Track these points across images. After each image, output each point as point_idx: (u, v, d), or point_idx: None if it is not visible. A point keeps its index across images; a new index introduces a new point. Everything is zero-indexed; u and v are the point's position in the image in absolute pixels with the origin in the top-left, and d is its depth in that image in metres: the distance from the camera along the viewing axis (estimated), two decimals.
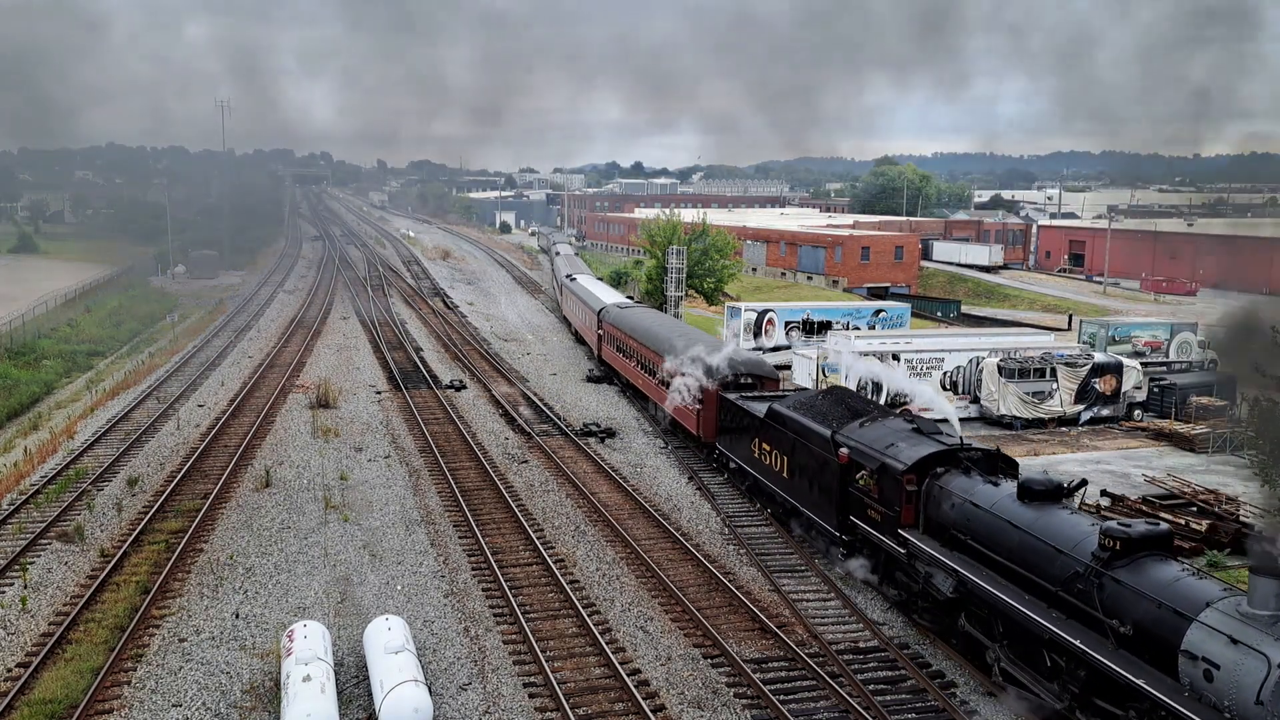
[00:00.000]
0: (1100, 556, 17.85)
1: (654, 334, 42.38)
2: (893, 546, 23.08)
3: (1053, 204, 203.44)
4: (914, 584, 22.69)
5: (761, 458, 30.36)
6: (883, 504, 23.50)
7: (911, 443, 23.66)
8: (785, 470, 28.58)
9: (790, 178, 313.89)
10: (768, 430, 29.69)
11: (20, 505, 30.11)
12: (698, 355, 36.37)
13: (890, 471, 23.16)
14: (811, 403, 28.97)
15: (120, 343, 62.96)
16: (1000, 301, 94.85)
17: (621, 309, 50.53)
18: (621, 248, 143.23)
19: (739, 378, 35.10)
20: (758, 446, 30.61)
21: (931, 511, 22.37)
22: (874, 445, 24.29)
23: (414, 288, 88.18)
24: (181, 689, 20.03)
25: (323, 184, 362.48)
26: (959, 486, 21.82)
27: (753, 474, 31.33)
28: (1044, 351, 44.81)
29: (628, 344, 45.49)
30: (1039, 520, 19.64)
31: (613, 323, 49.00)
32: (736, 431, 32.60)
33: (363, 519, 29.95)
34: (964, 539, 21.14)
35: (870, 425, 25.52)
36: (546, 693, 20.06)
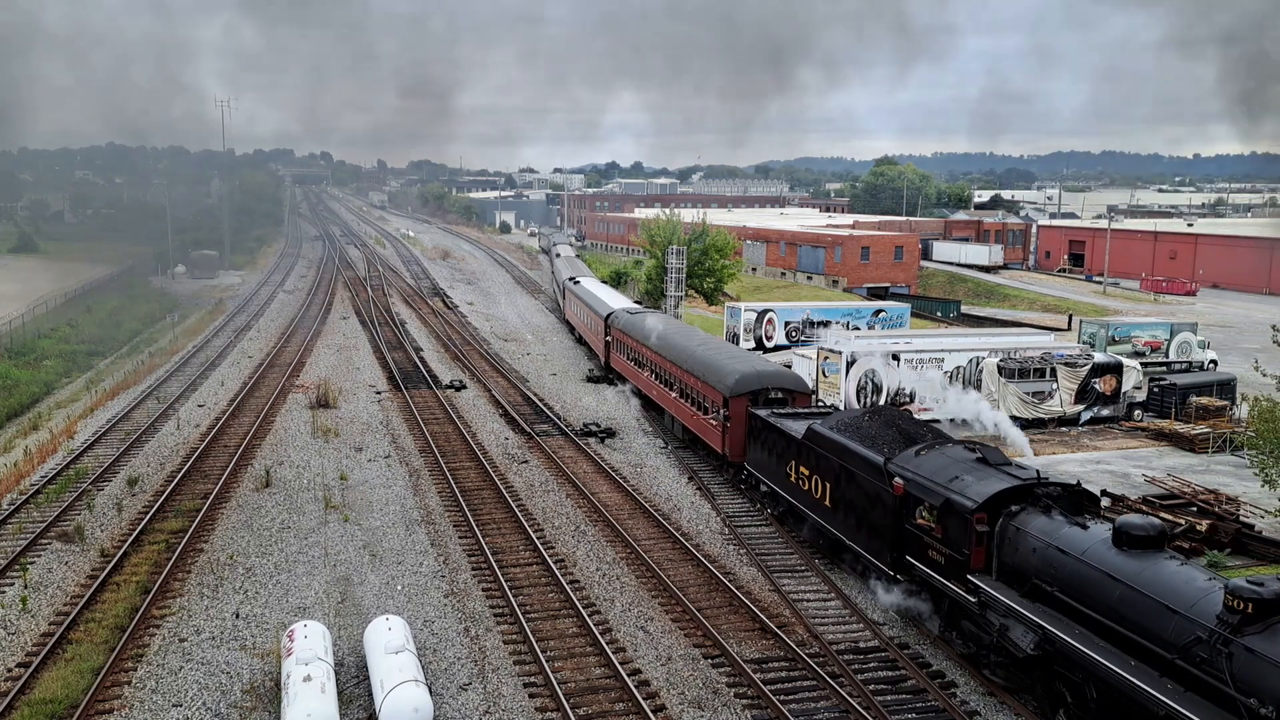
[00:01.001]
0: (1228, 620, 15.54)
1: (670, 342, 40.33)
2: (960, 594, 20.62)
3: (1053, 204, 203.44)
4: (985, 636, 20.12)
5: (799, 483, 27.79)
6: (947, 545, 21.07)
7: (979, 476, 21.29)
8: (827, 499, 26.06)
9: (790, 178, 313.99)
10: (807, 453, 27.17)
11: (20, 505, 30.11)
12: (721, 366, 34.32)
13: (957, 509, 20.75)
14: (857, 424, 26.12)
15: (120, 343, 62.93)
16: (1000, 301, 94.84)
17: (632, 315, 48.39)
18: (621, 248, 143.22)
19: (768, 392, 32.68)
20: (794, 470, 28.02)
21: (1007, 556, 20.02)
22: (935, 478, 21.85)
23: (414, 288, 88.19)
24: (182, 689, 20.03)
25: (323, 184, 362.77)
26: (1039, 528, 19.47)
27: (787, 499, 28.85)
28: (1044, 351, 44.80)
29: (640, 352, 43.52)
30: (1144, 572, 17.27)
31: (623, 329, 47.09)
32: (769, 452, 30.03)
33: (363, 519, 29.95)
34: (1048, 589, 18.82)
35: (929, 454, 23.06)
36: (546, 693, 20.05)
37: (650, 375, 42.10)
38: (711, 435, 34.50)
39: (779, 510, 29.88)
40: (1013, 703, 19.84)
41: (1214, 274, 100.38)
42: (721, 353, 36.96)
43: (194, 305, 76.57)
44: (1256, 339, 61.59)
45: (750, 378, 32.90)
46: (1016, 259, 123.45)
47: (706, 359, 35.92)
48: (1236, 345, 62.86)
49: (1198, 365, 53.95)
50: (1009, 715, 19.69)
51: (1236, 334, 69.03)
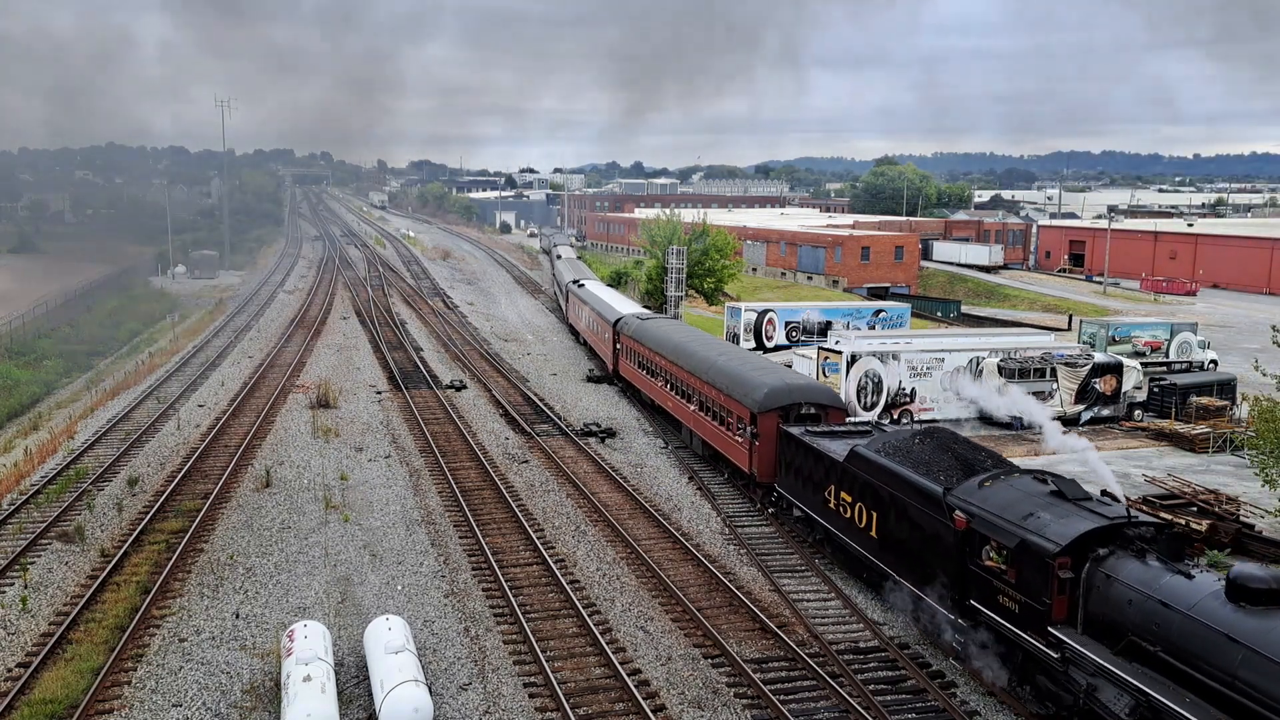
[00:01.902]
0: None
1: (688, 351, 37.96)
2: (1040, 647, 18.38)
3: (1053, 204, 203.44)
4: (1067, 696, 18.10)
5: (839, 509, 25.59)
6: (1022, 591, 18.78)
7: (1057, 513, 19.03)
8: (874, 529, 23.87)
9: (790, 178, 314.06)
10: (849, 478, 24.96)
11: (20, 505, 30.11)
12: (748, 378, 32.06)
13: (1035, 552, 18.45)
14: (907, 447, 23.96)
15: (120, 343, 63.00)
16: (1000, 301, 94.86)
17: (643, 320, 46.19)
18: (621, 248, 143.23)
19: (799, 407, 30.50)
20: (834, 495, 25.83)
21: (1095, 607, 17.78)
22: (1006, 514, 19.59)
23: (414, 288, 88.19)
24: (182, 689, 20.03)
25: (323, 184, 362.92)
26: (1135, 577, 17.27)
27: (824, 525, 26.60)
28: (1044, 351, 44.80)
29: (654, 361, 41.32)
30: (1271, 633, 15.08)
31: (633, 336, 44.77)
32: (804, 474, 27.75)
33: (363, 519, 29.95)
34: (1148, 648, 16.61)
35: (995, 485, 20.86)
36: (546, 693, 20.05)
37: (665, 385, 40.01)
38: (737, 453, 32.17)
39: (816, 537, 27.76)
40: (1013, 703, 19.84)
41: (1214, 274, 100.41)
42: (746, 363, 34.81)
43: (194, 305, 76.61)
44: (1256, 339, 61.59)
45: (780, 392, 30.65)
46: (1016, 259, 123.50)
47: (730, 370, 33.69)
48: (1236, 345, 62.85)
49: (1198, 365, 53.95)
50: (1009, 715, 19.69)
51: (1236, 334, 69.03)
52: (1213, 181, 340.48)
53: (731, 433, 32.41)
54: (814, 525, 27.55)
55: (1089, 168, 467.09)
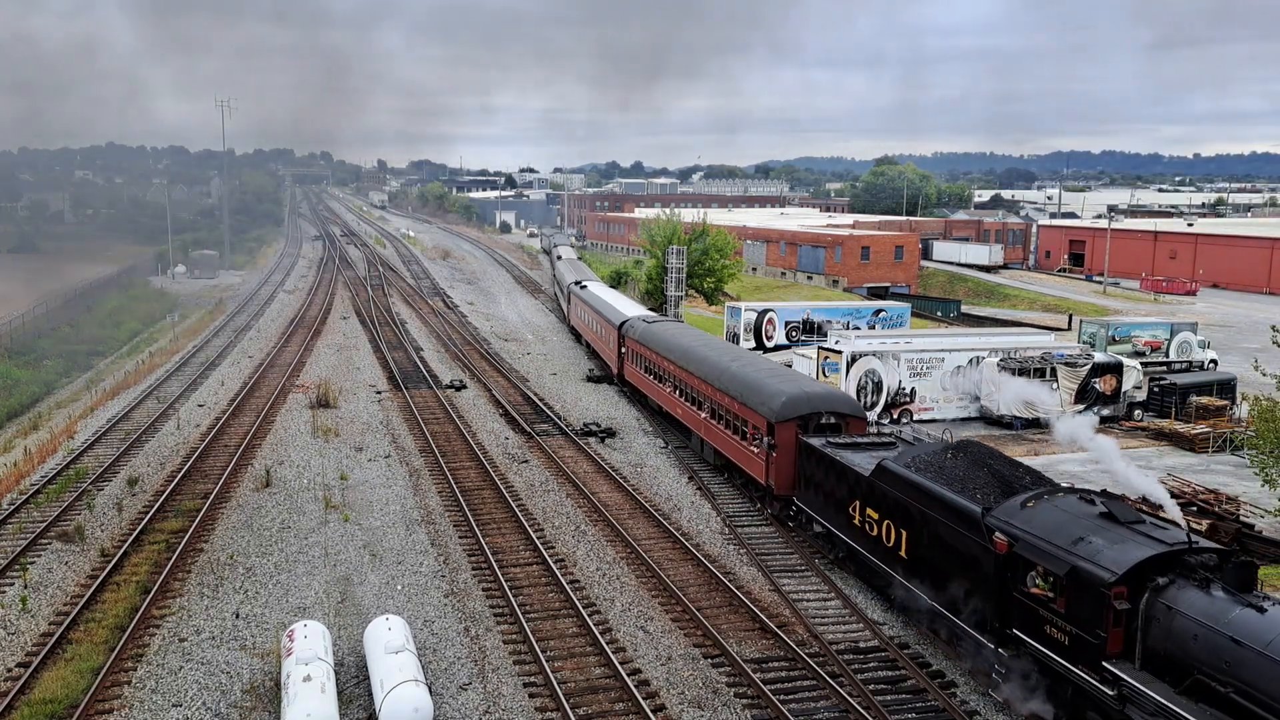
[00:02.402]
0: None
1: (698, 356, 36.73)
2: (1094, 684, 17.13)
3: (1053, 204, 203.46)
4: None
5: (865, 526, 24.29)
6: (1073, 622, 17.48)
7: (1110, 537, 17.73)
8: (903, 548, 22.59)
9: (790, 178, 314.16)
10: (876, 494, 23.67)
11: (20, 505, 30.11)
12: (764, 386, 30.84)
13: (1088, 581, 17.17)
14: (939, 463, 22.63)
15: (120, 343, 63.00)
16: (1000, 301, 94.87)
17: (649, 324, 44.75)
18: (621, 247, 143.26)
19: (819, 416, 29.29)
20: (859, 512, 24.51)
21: (1155, 641, 16.52)
22: (1053, 538, 18.31)
23: (414, 287, 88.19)
24: (182, 689, 20.03)
25: (323, 184, 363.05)
26: (1200, 609, 15.99)
27: (848, 543, 25.33)
28: (1044, 351, 44.81)
29: (661, 366, 40.11)
30: None
31: (640, 340, 43.45)
32: (825, 488, 26.49)
33: (363, 519, 29.95)
34: (1218, 688, 15.37)
35: (1039, 505, 19.50)
36: (546, 693, 20.06)
37: (673, 391, 38.73)
38: (753, 464, 30.86)
39: (839, 555, 26.46)
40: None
41: (1214, 274, 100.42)
42: (761, 370, 33.42)
43: (194, 305, 76.61)
44: (1256, 339, 61.58)
45: (799, 400, 29.41)
46: (1017, 259, 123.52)
47: (745, 377, 32.41)
48: (1236, 345, 62.86)
49: (1198, 365, 53.95)
50: (1009, 715, 19.69)
51: (1236, 334, 69.03)
52: (1213, 181, 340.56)
53: (746, 443, 31.14)
54: (836, 542, 26.26)
55: (1089, 168, 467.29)
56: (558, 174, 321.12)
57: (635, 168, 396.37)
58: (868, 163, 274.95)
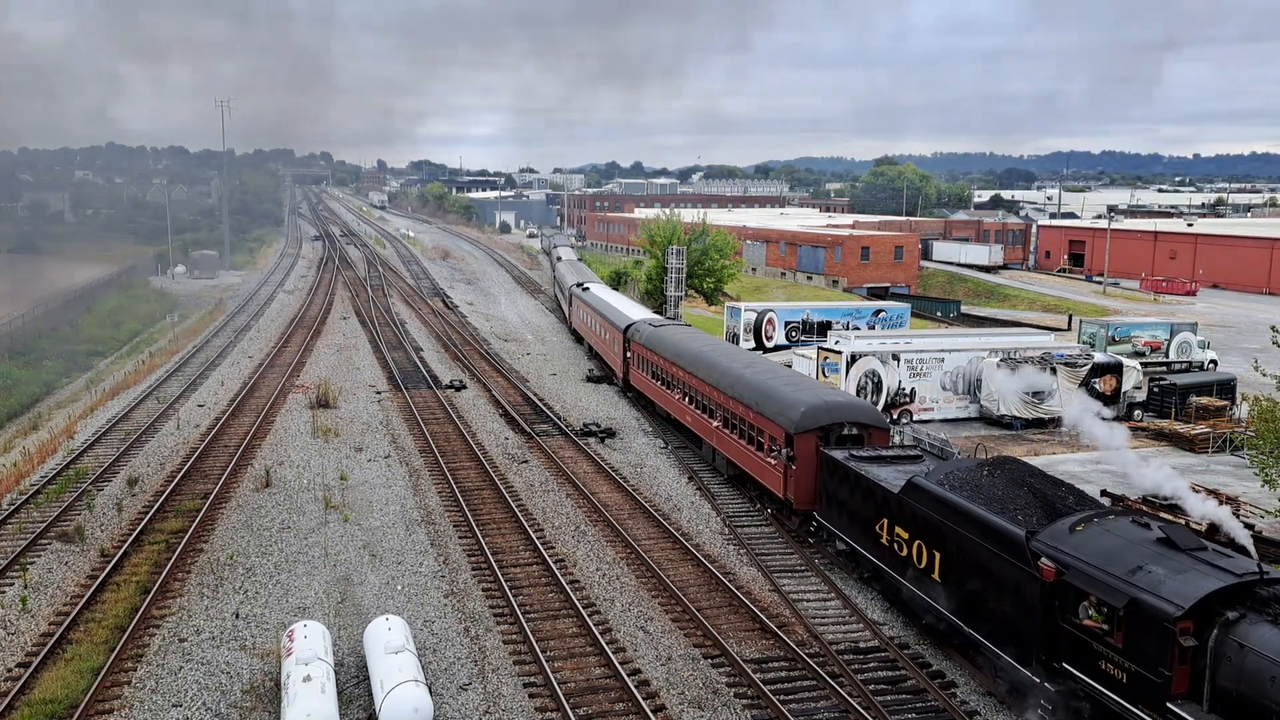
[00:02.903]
0: None
1: (709, 362, 35.53)
2: None
3: (1052, 204, 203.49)
4: None
5: (894, 546, 23.00)
6: (1133, 658, 16.23)
7: (1171, 566, 16.53)
8: (936, 571, 21.33)
9: (790, 178, 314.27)
10: (906, 512, 22.43)
11: (20, 505, 30.11)
12: (782, 395, 29.62)
13: (1150, 615, 15.96)
14: (974, 480, 21.36)
15: (120, 343, 62.99)
16: (1000, 301, 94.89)
17: (656, 328, 43.24)
18: (621, 248, 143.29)
19: (841, 427, 28.05)
20: (887, 530, 23.26)
21: (1226, 680, 15.33)
22: (1107, 566, 17.13)
23: (414, 287, 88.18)
24: (182, 689, 20.03)
25: (323, 184, 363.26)
26: (1278, 648, 14.84)
27: (874, 562, 24.06)
28: (1044, 351, 44.80)
29: (669, 372, 38.89)
30: None
31: (646, 344, 42.19)
32: (849, 504, 25.20)
33: (363, 519, 29.95)
34: None
35: (1089, 529, 18.27)
36: (546, 693, 20.06)
37: (682, 398, 37.53)
38: (770, 477, 29.65)
39: (864, 575, 25.29)
40: (1013, 702, 19.82)
41: (1214, 274, 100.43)
42: (777, 377, 32.23)
43: (194, 305, 76.60)
44: (1256, 339, 61.59)
45: (819, 410, 28.14)
46: (1016, 259, 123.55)
47: (761, 385, 31.21)
48: (1236, 345, 62.86)
49: (1198, 365, 53.95)
50: (1009, 715, 19.69)
51: (1236, 334, 69.04)
52: (1213, 181, 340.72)
53: (763, 454, 29.88)
54: (861, 561, 24.97)
55: (1089, 168, 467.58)
56: (557, 174, 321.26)
57: (635, 168, 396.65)
58: (868, 163, 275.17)
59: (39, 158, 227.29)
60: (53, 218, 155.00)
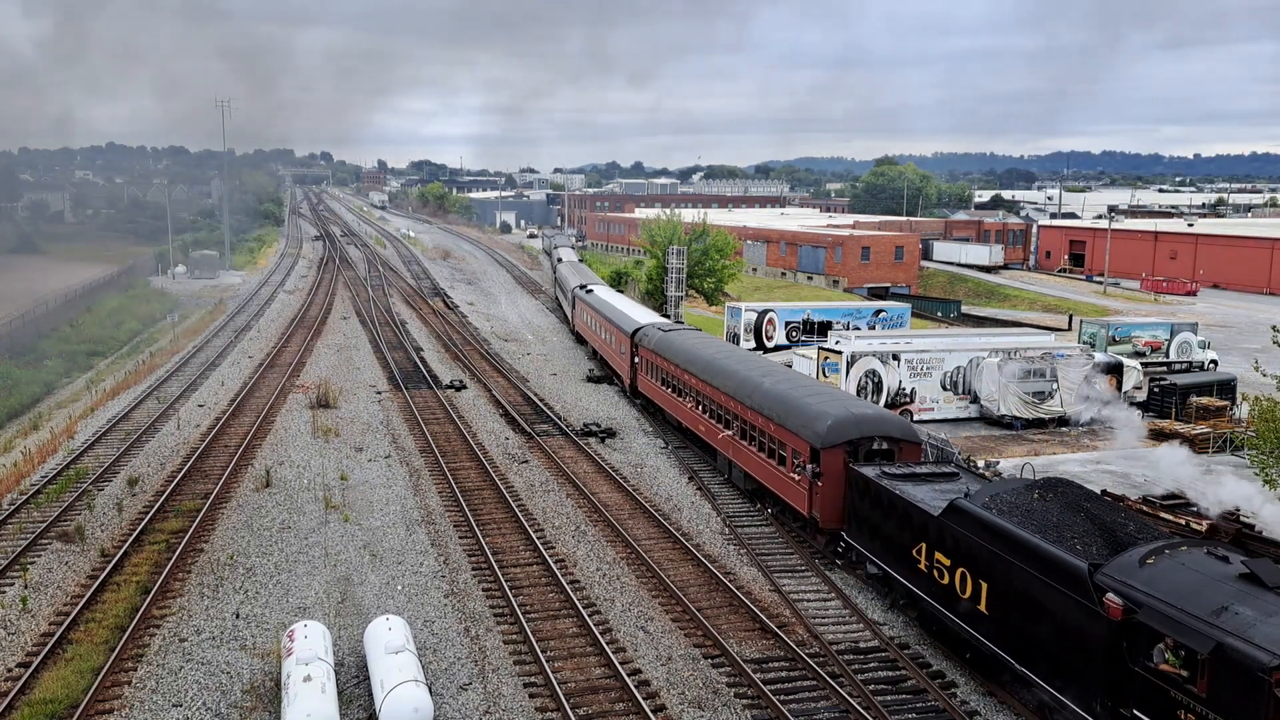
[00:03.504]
0: None
1: (724, 369, 34.11)
2: None
3: (1053, 204, 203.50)
4: None
5: (934, 573, 21.43)
6: (1219, 709, 14.84)
7: (1261, 607, 15.14)
8: (982, 602, 19.80)
9: (790, 178, 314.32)
10: (948, 537, 20.89)
11: (20, 505, 30.11)
12: (806, 407, 28.19)
13: (1241, 663, 14.48)
14: (1026, 505, 19.74)
15: (120, 343, 62.98)
16: (1000, 301, 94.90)
17: (666, 332, 41.79)
18: (621, 248, 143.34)
19: (870, 442, 26.67)
20: (926, 555, 21.69)
21: None
22: (1187, 606, 15.59)
23: (414, 288, 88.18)
24: (182, 689, 20.03)
25: (323, 184, 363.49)
26: None
27: (910, 589, 22.50)
28: (1044, 351, 44.80)
29: (680, 379, 37.59)
30: None
31: (655, 350, 40.76)
32: (882, 526, 23.73)
33: (363, 519, 29.95)
34: None
35: (1161, 563, 16.70)
36: (547, 693, 20.05)
37: (695, 407, 36.22)
38: (793, 493, 28.19)
39: (898, 601, 23.85)
40: (1013, 703, 19.83)
41: (1214, 274, 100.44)
42: (799, 387, 30.76)
43: (194, 305, 76.58)
44: (1256, 339, 61.61)
45: (847, 423, 26.74)
46: (1017, 259, 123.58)
47: (781, 395, 29.81)
48: (1236, 345, 62.86)
49: (1198, 365, 53.96)
50: (1009, 715, 19.69)
51: (1236, 334, 69.04)
52: (1213, 181, 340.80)
53: (785, 469, 28.45)
54: (894, 585, 23.44)
55: (1089, 168, 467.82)
56: (558, 174, 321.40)
57: (635, 168, 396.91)
58: (868, 163, 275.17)
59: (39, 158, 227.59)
60: (53, 218, 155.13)
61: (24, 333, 58.78)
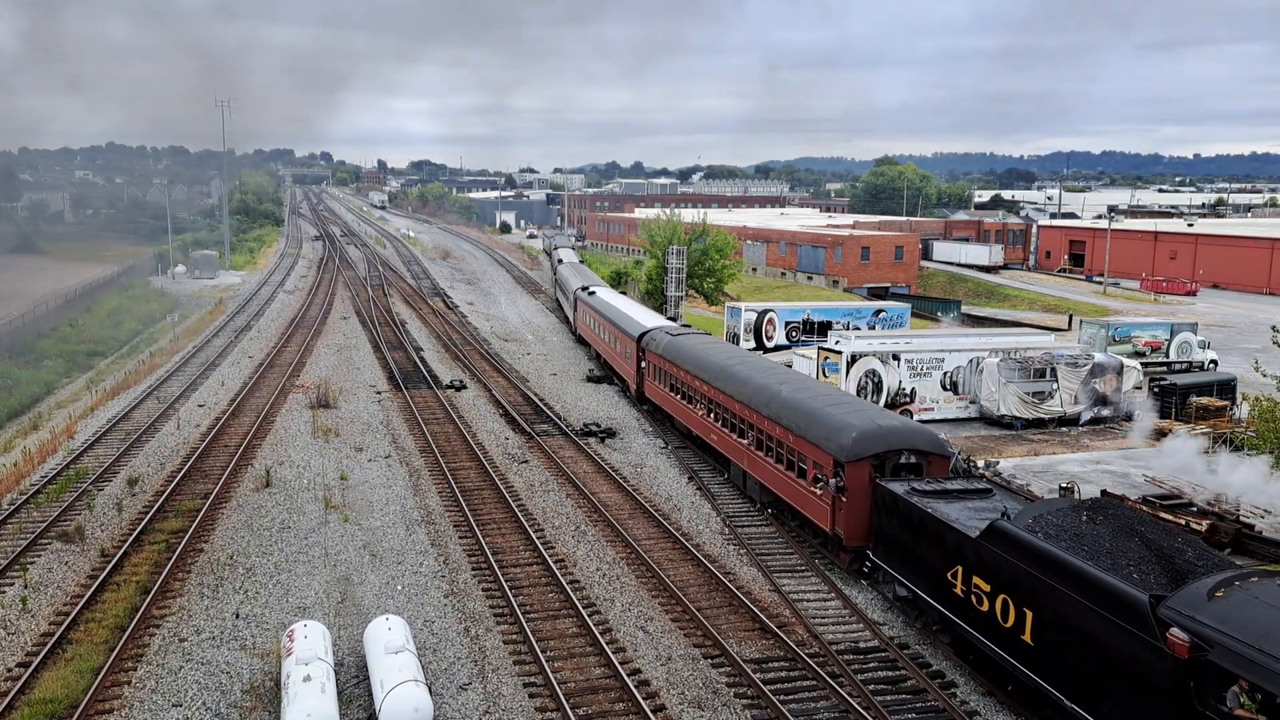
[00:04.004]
0: None
1: (739, 377, 32.88)
2: None
3: (1053, 204, 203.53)
4: None
5: (971, 599, 20.03)
6: None
7: None
8: (1026, 632, 18.40)
9: (790, 178, 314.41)
10: (987, 561, 19.48)
11: (20, 505, 30.11)
12: (828, 417, 26.95)
13: None
14: (1074, 528, 18.34)
15: (120, 343, 62.97)
16: (1000, 302, 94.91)
17: (674, 336, 40.68)
18: (621, 248, 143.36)
19: (898, 455, 25.42)
20: (962, 579, 20.33)
21: None
22: (1263, 644, 14.34)
23: (414, 288, 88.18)
24: (182, 689, 20.03)
25: (323, 184, 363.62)
26: None
27: (943, 613, 21.18)
28: (1044, 352, 44.80)
29: (691, 385, 36.32)
30: None
31: (664, 355, 39.66)
32: (913, 545, 22.40)
33: (363, 519, 29.95)
34: None
35: (1232, 596, 15.39)
36: (546, 693, 20.06)
37: (706, 414, 35.09)
38: (814, 508, 27.04)
39: (930, 625, 22.54)
40: (1012, 703, 19.82)
41: (1214, 274, 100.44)
42: (820, 396, 29.51)
43: (194, 305, 76.58)
44: (1256, 339, 61.63)
45: (873, 436, 25.49)
46: (1017, 259, 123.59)
47: (801, 405, 28.62)
48: (1236, 345, 62.88)
49: (1198, 365, 53.96)
50: (1009, 715, 19.69)
51: (1236, 334, 69.06)
52: (1213, 181, 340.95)
53: (805, 482, 27.35)
54: (925, 609, 22.17)
55: (1089, 168, 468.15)
56: (558, 174, 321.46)
57: (635, 168, 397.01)
58: (868, 163, 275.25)
59: (39, 158, 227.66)
60: (53, 218, 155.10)
61: (24, 333, 58.77)
